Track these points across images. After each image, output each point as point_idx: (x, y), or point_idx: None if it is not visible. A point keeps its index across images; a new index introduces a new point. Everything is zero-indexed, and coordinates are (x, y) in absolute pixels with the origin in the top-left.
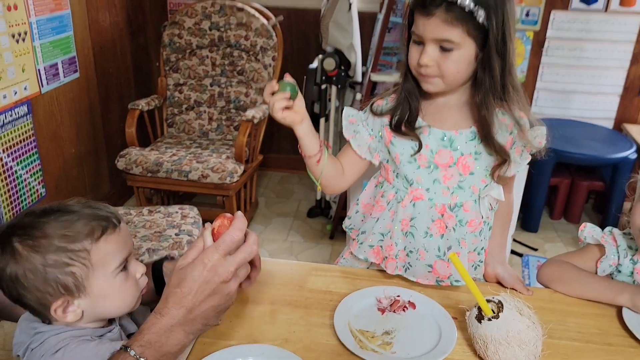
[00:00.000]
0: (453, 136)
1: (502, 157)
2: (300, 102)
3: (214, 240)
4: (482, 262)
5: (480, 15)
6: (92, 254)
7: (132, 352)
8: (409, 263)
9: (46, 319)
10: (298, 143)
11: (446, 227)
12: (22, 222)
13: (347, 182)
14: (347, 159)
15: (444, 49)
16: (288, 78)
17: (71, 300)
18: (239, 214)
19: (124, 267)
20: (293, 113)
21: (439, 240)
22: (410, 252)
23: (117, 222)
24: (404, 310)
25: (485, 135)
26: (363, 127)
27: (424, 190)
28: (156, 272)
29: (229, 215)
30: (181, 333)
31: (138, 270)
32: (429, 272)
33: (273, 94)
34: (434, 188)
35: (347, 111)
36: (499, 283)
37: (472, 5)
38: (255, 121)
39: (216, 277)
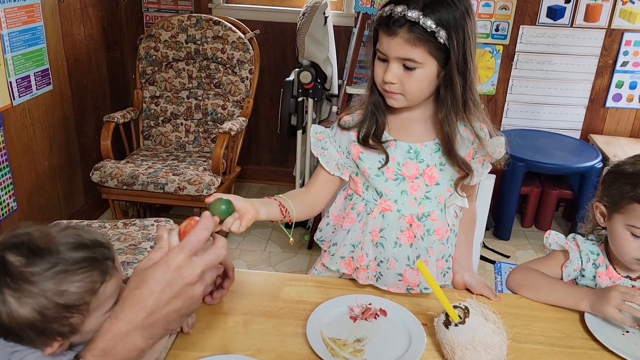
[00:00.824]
0: (418, 148)
1: (464, 170)
2: (242, 203)
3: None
4: (450, 269)
5: (442, 36)
6: (92, 304)
7: None
8: (379, 273)
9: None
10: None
11: (414, 236)
12: (11, 265)
13: (321, 204)
14: (319, 179)
15: (407, 68)
16: (214, 197)
17: (66, 341)
18: (206, 213)
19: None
20: (244, 220)
21: (408, 249)
22: (381, 262)
23: (112, 262)
24: (375, 317)
25: (449, 151)
26: (331, 144)
27: (392, 201)
28: None
29: (197, 218)
30: (139, 338)
31: None
32: (399, 280)
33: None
34: (402, 199)
35: (315, 129)
36: (468, 290)
37: (433, 26)
38: (233, 133)
39: (180, 279)
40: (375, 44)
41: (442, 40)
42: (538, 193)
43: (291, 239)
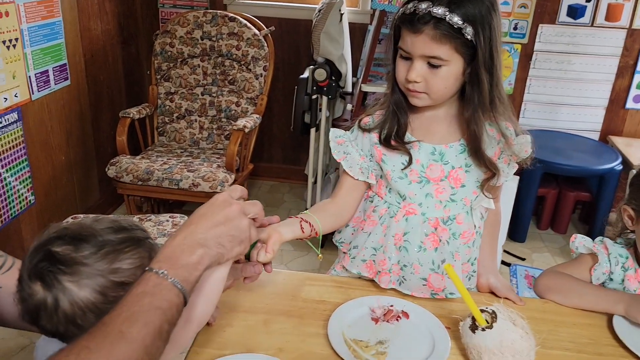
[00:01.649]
0: (443, 150)
1: (491, 170)
2: (264, 232)
3: None
4: (475, 272)
5: (468, 33)
6: None
7: (153, 270)
8: (402, 277)
9: None
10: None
11: (440, 240)
12: (60, 254)
13: (349, 212)
14: (344, 186)
15: (432, 66)
16: None
17: None
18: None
19: None
20: (269, 246)
21: (433, 253)
22: (404, 266)
23: (152, 242)
24: (397, 320)
25: (475, 150)
26: (352, 148)
27: (416, 205)
28: None
29: None
30: (197, 247)
31: None
32: (423, 285)
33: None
34: (427, 202)
35: (334, 132)
36: (492, 293)
37: (460, 22)
38: (247, 130)
39: (224, 204)
40: (397, 41)
41: (469, 37)
42: (555, 195)
43: (320, 256)
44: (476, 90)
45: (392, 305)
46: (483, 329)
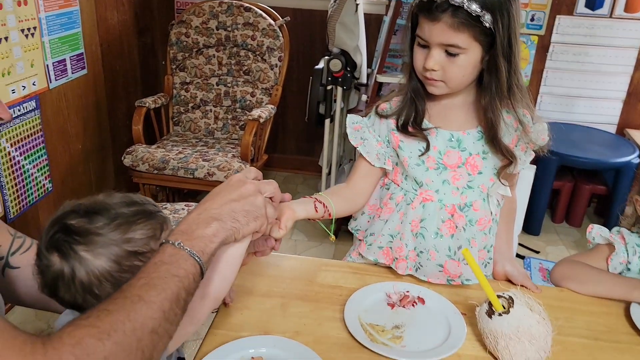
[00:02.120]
0: (461, 137)
1: (508, 158)
2: (277, 205)
3: None
4: (491, 259)
5: (487, 20)
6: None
7: (169, 242)
8: (419, 263)
9: None
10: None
11: (456, 227)
12: (75, 226)
13: (363, 197)
14: (359, 171)
15: (449, 54)
16: None
17: None
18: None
19: None
20: (282, 222)
21: (449, 240)
22: (421, 252)
23: (165, 217)
24: (413, 305)
25: (492, 138)
26: (370, 134)
27: (433, 191)
28: None
29: None
30: (211, 221)
31: None
32: (439, 271)
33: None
34: (444, 189)
35: (351, 118)
36: (508, 281)
37: (478, 9)
38: (261, 120)
39: (239, 183)
40: (414, 29)
41: (487, 24)
42: (570, 188)
43: (332, 237)
44: (494, 78)
45: (408, 291)
46: (500, 314)
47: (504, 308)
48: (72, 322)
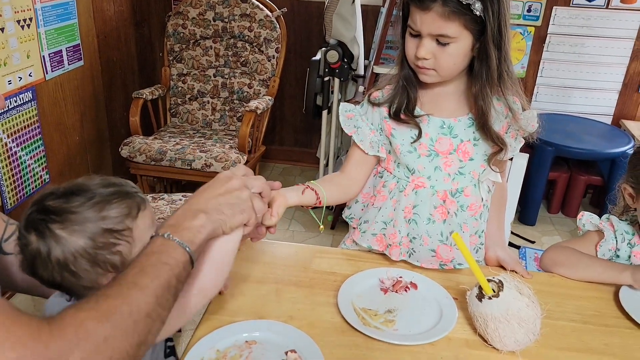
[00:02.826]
0: (452, 123)
1: (498, 145)
2: (267, 192)
3: None
4: (482, 244)
5: (477, 8)
6: (134, 231)
7: (158, 234)
8: (412, 249)
9: (82, 297)
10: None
11: (448, 212)
12: (52, 206)
13: (357, 186)
14: (353, 160)
15: (440, 43)
16: None
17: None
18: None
19: None
20: (273, 209)
21: (442, 225)
22: (414, 238)
23: (142, 197)
24: (406, 290)
25: (482, 125)
26: (363, 122)
27: (425, 178)
28: None
29: None
30: (198, 212)
31: None
32: (432, 256)
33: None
34: (435, 175)
35: (344, 107)
36: (501, 266)
37: None
38: (259, 112)
39: (225, 179)
40: (406, 19)
41: (477, 13)
42: (566, 179)
43: (321, 227)
44: (484, 66)
45: (401, 277)
46: (490, 298)
47: (494, 292)
48: (73, 306)
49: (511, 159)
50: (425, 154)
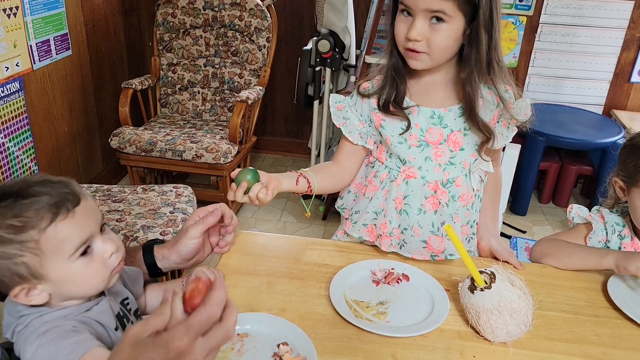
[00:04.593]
0: (442, 113)
1: (485, 134)
2: (264, 175)
3: (185, 309)
4: (474, 234)
5: None
6: (41, 242)
7: None
8: (403, 240)
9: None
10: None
11: (439, 203)
12: None
13: (349, 175)
14: (344, 150)
15: (433, 22)
16: (237, 170)
17: (32, 286)
18: (219, 277)
19: (86, 249)
20: (269, 189)
21: (433, 216)
22: (405, 229)
23: (72, 206)
24: (397, 282)
25: (470, 112)
26: (352, 113)
27: (416, 168)
28: (147, 256)
29: (204, 278)
30: None
31: (107, 249)
32: (423, 247)
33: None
34: (426, 166)
35: (334, 98)
36: (494, 257)
37: None
38: (250, 102)
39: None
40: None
41: None
42: (557, 168)
43: (308, 213)
44: (474, 51)
45: (393, 268)
46: (482, 289)
47: (486, 283)
48: None
49: (504, 149)
50: (415, 145)
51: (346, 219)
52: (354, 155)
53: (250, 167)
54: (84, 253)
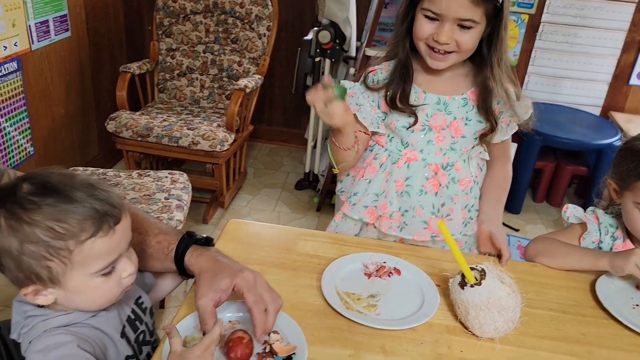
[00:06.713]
0: (447, 101)
1: (493, 123)
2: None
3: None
4: (472, 219)
5: None
6: (75, 254)
7: None
8: (404, 222)
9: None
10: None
11: (440, 184)
12: (20, 193)
13: (357, 159)
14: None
15: (463, 27)
16: (329, 80)
17: (44, 288)
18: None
19: (111, 270)
20: (348, 115)
21: (433, 197)
22: (406, 211)
23: (114, 223)
24: (389, 275)
25: (484, 100)
26: (365, 99)
27: (417, 151)
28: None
29: (246, 334)
30: None
31: (126, 270)
32: (424, 228)
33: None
34: (428, 149)
35: (345, 84)
36: (491, 243)
37: None
38: (248, 90)
39: None
40: (416, 2)
41: (500, 0)
42: (552, 168)
43: (336, 169)
44: (495, 50)
45: (385, 262)
46: (472, 286)
47: (476, 280)
48: None
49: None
50: (419, 129)
51: (344, 201)
52: (364, 141)
53: (344, 86)
54: (107, 272)
